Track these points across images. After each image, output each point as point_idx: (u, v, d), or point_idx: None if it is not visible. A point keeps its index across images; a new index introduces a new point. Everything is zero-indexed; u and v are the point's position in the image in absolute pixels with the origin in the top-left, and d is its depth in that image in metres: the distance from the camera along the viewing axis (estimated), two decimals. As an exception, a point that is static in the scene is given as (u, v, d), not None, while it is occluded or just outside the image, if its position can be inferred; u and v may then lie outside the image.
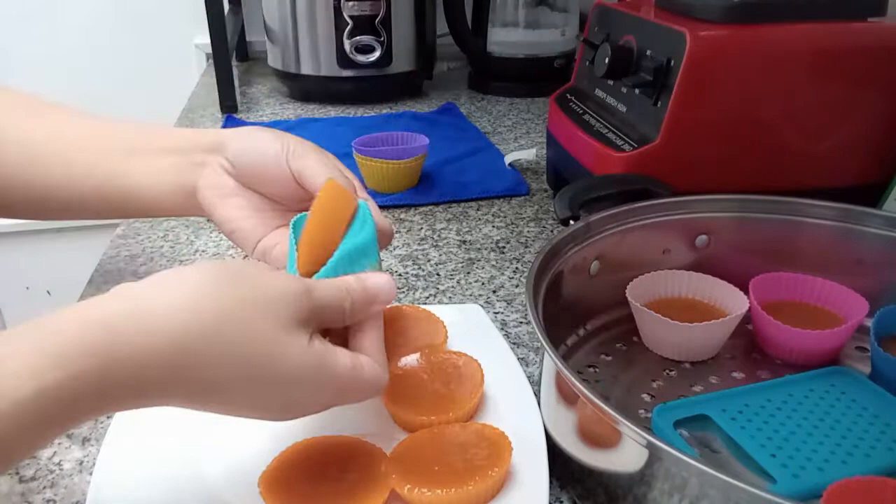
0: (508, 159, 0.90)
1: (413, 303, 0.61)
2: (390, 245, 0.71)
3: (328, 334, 0.40)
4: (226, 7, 1.40)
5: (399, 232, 0.74)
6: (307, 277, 0.40)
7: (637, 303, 0.51)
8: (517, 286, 0.64)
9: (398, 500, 0.38)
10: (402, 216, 0.78)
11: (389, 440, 0.42)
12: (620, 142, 0.62)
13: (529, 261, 0.68)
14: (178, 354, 0.32)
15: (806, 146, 0.61)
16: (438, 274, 0.66)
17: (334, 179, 0.44)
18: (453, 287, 0.64)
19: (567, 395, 0.40)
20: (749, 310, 0.51)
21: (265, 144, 0.49)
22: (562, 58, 1.21)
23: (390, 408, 0.44)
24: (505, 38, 1.21)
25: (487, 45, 1.22)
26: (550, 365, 0.41)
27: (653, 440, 0.33)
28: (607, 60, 0.64)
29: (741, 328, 0.52)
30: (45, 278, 1.72)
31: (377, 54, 1.13)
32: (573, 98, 0.75)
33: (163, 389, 0.32)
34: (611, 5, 0.72)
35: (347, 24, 1.10)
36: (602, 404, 0.35)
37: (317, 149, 0.50)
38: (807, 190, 0.57)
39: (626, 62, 0.64)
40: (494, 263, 0.68)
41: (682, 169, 0.59)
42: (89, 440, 0.46)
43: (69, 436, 0.46)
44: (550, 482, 0.39)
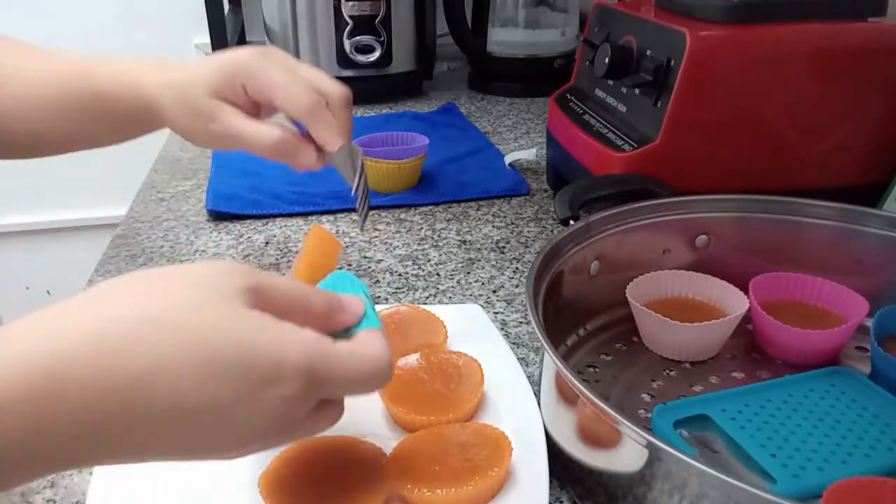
0: (508, 159, 0.90)
1: (413, 303, 0.61)
2: (390, 245, 0.71)
3: None
4: (226, 7, 1.40)
5: (399, 232, 0.74)
6: None
7: (637, 303, 0.51)
8: (517, 286, 0.64)
9: (398, 500, 0.38)
10: (402, 216, 0.78)
11: (389, 440, 0.42)
12: (620, 142, 0.62)
13: (529, 261, 0.68)
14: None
15: (806, 146, 0.61)
16: (438, 274, 0.66)
17: (319, 226, 0.47)
18: (453, 287, 0.64)
19: (567, 395, 0.40)
20: (749, 310, 0.51)
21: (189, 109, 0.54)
22: (562, 58, 1.21)
23: (390, 408, 0.45)
24: (505, 38, 1.21)
25: (487, 45, 1.22)
26: (550, 365, 0.41)
27: (653, 440, 0.33)
28: (607, 60, 0.64)
29: (741, 328, 0.52)
30: (45, 278, 1.72)
31: (377, 54, 1.13)
32: (573, 98, 0.75)
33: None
34: (611, 5, 0.72)
35: (347, 24, 1.10)
36: (602, 404, 0.35)
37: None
38: (807, 190, 0.57)
39: (626, 62, 0.64)
40: (494, 263, 0.68)
41: (682, 169, 0.59)
42: (89, 440, 0.46)
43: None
44: (550, 482, 0.39)
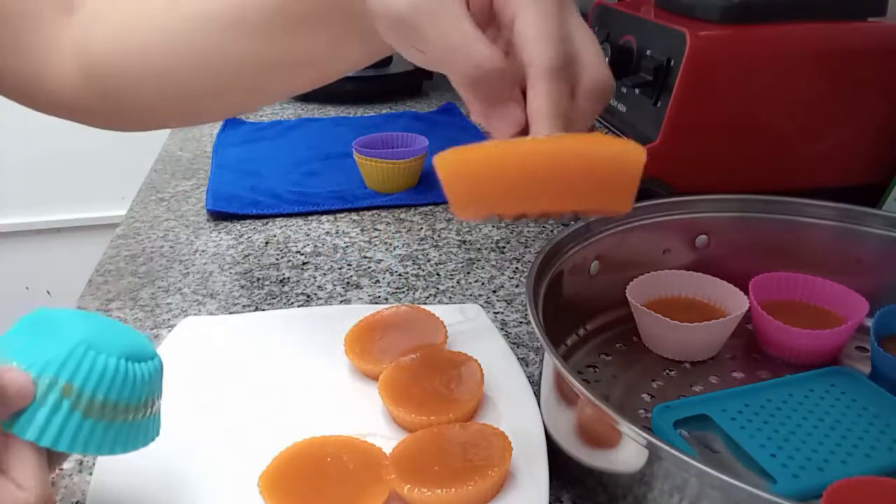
0: (508, 159, 0.90)
1: (413, 303, 0.61)
2: (390, 245, 0.71)
3: None
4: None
5: (399, 232, 0.74)
6: None
7: (637, 303, 0.51)
8: (517, 286, 0.64)
9: (398, 500, 0.38)
10: (402, 216, 0.78)
11: (389, 440, 0.42)
12: (620, 142, 0.62)
13: (529, 261, 0.68)
14: None
15: (806, 146, 0.61)
16: (438, 274, 0.66)
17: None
18: (453, 287, 0.64)
19: (567, 395, 0.40)
20: (749, 310, 0.51)
21: None
22: (562, 58, 1.21)
23: (390, 408, 0.44)
24: (505, 38, 1.21)
25: (487, 45, 1.22)
26: (550, 365, 0.41)
27: (653, 440, 0.33)
28: (607, 60, 0.64)
29: (741, 328, 0.52)
30: (45, 278, 1.72)
31: (377, 54, 1.13)
32: (573, 98, 0.75)
33: None
34: (611, 5, 0.72)
35: (347, 24, 1.10)
36: (602, 404, 0.35)
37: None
38: (807, 190, 0.57)
39: (626, 62, 0.64)
40: (494, 263, 0.68)
41: (682, 169, 0.59)
42: (89, 440, 0.46)
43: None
44: (550, 482, 0.39)
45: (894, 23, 0.60)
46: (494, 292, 0.63)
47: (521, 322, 0.58)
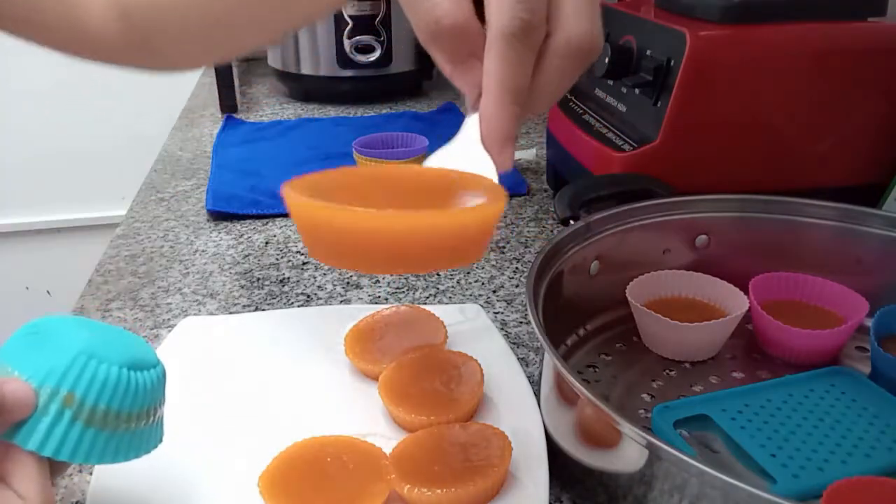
0: (508, 159, 0.90)
1: (413, 303, 0.61)
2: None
3: None
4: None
5: (399, 232, 0.74)
6: None
7: (637, 303, 0.51)
8: (517, 286, 0.64)
9: (398, 500, 0.38)
10: (402, 216, 0.78)
11: (389, 440, 0.42)
12: (620, 142, 0.62)
13: (529, 261, 0.68)
14: None
15: (806, 146, 0.61)
16: (438, 274, 0.66)
17: None
18: (453, 287, 0.64)
19: (567, 395, 0.40)
20: (749, 310, 0.51)
21: None
22: (562, 58, 1.21)
23: (390, 408, 0.44)
24: (505, 38, 1.21)
25: (487, 45, 1.22)
26: (550, 365, 0.41)
27: (653, 440, 0.33)
28: (607, 60, 0.64)
29: (741, 328, 0.52)
30: (45, 278, 1.72)
31: (377, 54, 1.13)
32: (573, 98, 0.75)
33: None
34: (611, 5, 0.72)
35: (347, 24, 1.10)
36: (602, 404, 0.35)
37: None
38: (807, 190, 0.57)
39: (626, 62, 0.64)
40: (494, 263, 0.68)
41: (682, 169, 0.59)
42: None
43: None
44: (550, 482, 0.39)
45: (894, 23, 0.60)
46: (494, 292, 0.63)
47: (521, 322, 0.58)
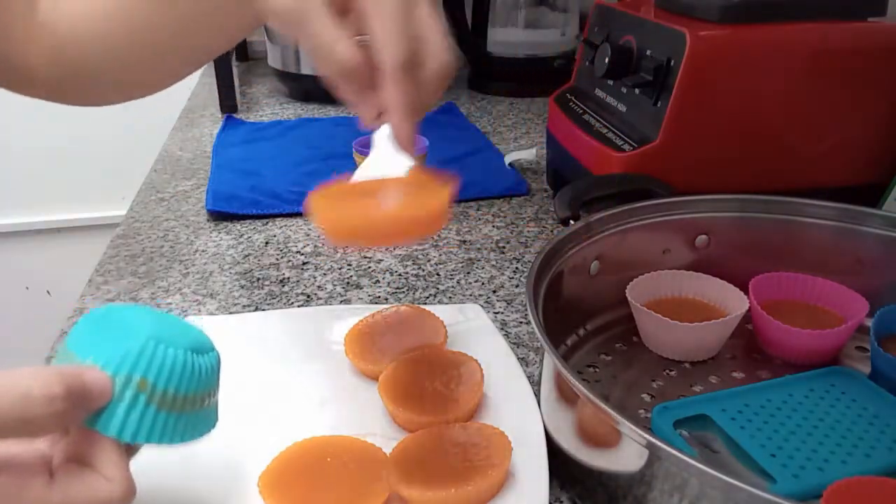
0: (508, 159, 0.90)
1: (413, 303, 0.61)
2: (391, 245, 0.71)
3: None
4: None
5: (399, 232, 0.74)
6: None
7: (637, 303, 0.51)
8: (517, 286, 0.64)
9: (398, 500, 0.38)
10: (402, 216, 0.78)
11: (389, 440, 0.42)
12: (620, 142, 0.62)
13: (529, 261, 0.68)
14: None
15: (806, 146, 0.61)
16: (438, 274, 0.66)
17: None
18: (453, 287, 0.64)
19: (567, 395, 0.40)
20: (749, 310, 0.51)
21: None
22: (562, 58, 1.21)
23: (390, 408, 0.45)
24: (505, 38, 1.21)
25: (487, 45, 1.22)
26: (550, 365, 0.41)
27: (653, 440, 0.33)
28: (607, 60, 0.64)
29: (741, 328, 0.52)
30: (45, 278, 1.72)
31: (377, 54, 1.13)
32: (573, 98, 0.75)
33: None
34: (611, 5, 0.72)
35: (347, 24, 1.10)
36: (602, 404, 0.35)
37: None
38: (807, 190, 0.57)
39: (626, 62, 0.64)
40: (494, 263, 0.68)
41: (682, 169, 0.59)
42: (89, 440, 0.46)
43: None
44: (550, 482, 0.39)
45: (894, 23, 0.60)
46: (494, 292, 0.63)
47: (521, 322, 0.58)
